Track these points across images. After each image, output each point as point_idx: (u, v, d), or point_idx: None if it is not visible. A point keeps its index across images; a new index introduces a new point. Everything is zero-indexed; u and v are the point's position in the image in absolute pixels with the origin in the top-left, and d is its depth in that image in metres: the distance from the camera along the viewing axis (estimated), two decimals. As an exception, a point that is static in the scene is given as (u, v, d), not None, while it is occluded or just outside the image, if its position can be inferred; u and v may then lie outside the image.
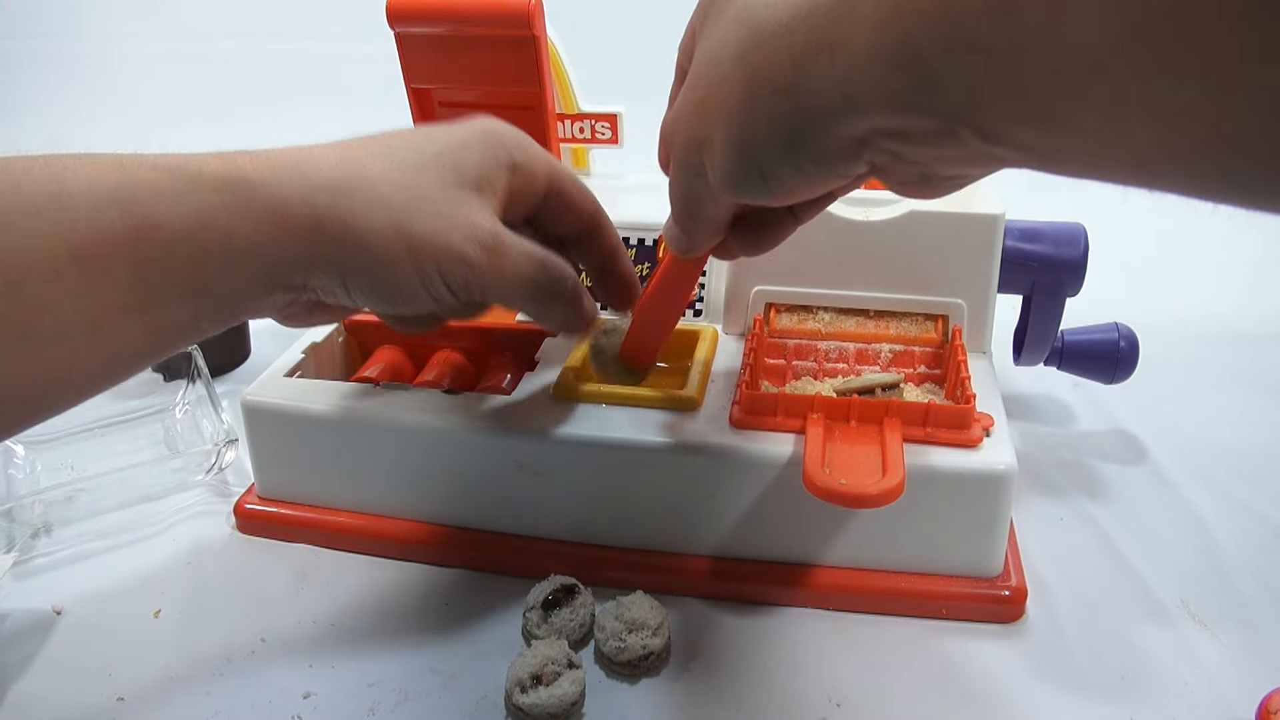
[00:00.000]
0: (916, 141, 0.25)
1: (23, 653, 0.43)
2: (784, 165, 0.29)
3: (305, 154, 0.34)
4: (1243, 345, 0.69)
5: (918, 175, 0.29)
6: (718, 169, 0.31)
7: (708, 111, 0.30)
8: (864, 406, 0.43)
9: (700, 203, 0.34)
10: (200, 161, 0.32)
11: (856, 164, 0.28)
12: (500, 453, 0.46)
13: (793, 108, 0.27)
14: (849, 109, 0.25)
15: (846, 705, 0.40)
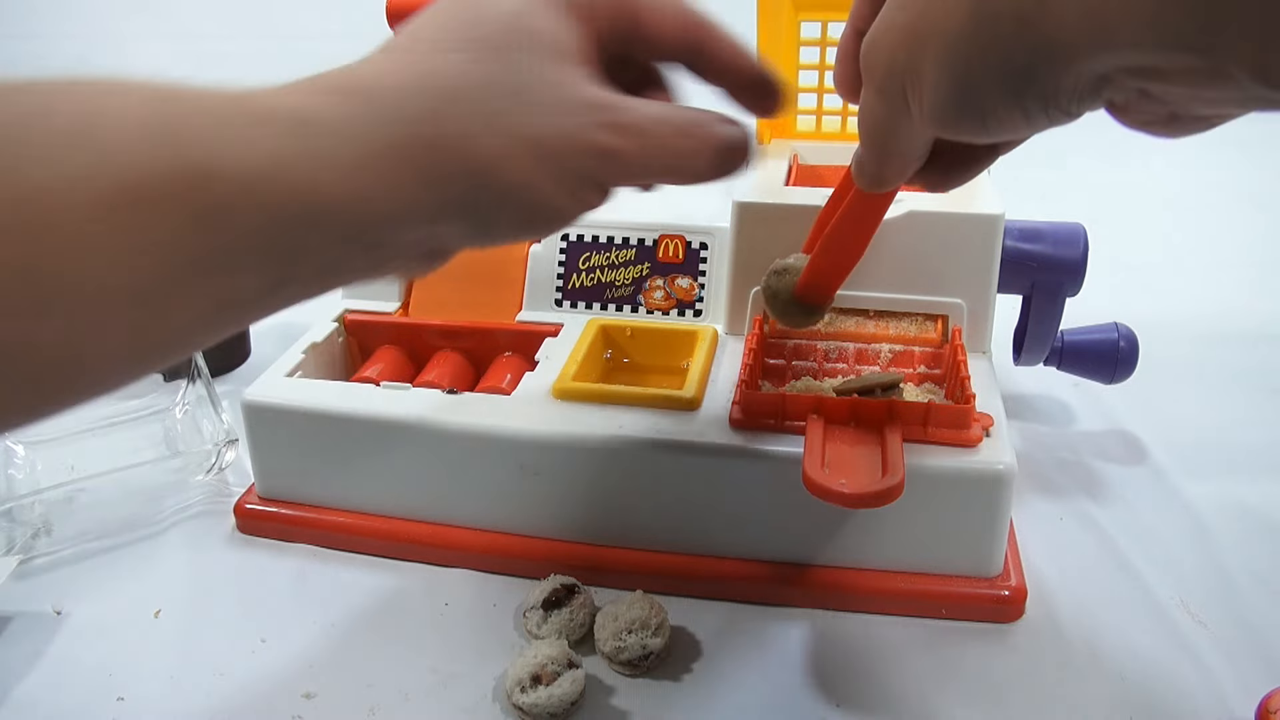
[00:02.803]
0: (1173, 80, 0.23)
1: (23, 653, 0.43)
2: (1010, 104, 0.26)
3: (377, 73, 0.28)
4: (1243, 345, 0.69)
5: (1165, 115, 0.26)
6: (928, 103, 0.27)
7: (920, 39, 0.26)
8: (864, 406, 0.43)
9: (898, 136, 0.30)
10: (268, 95, 0.26)
11: (1094, 102, 0.25)
12: (500, 453, 0.46)
13: (1029, 41, 0.24)
14: (1100, 43, 0.23)
15: (846, 705, 0.40)
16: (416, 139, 0.27)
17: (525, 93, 0.29)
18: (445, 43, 0.29)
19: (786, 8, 0.55)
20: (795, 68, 0.57)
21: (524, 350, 0.54)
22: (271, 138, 0.25)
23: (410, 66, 0.29)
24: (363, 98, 0.27)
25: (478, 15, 0.30)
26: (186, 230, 0.24)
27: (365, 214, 0.27)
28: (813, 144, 0.59)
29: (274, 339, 0.71)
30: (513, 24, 0.30)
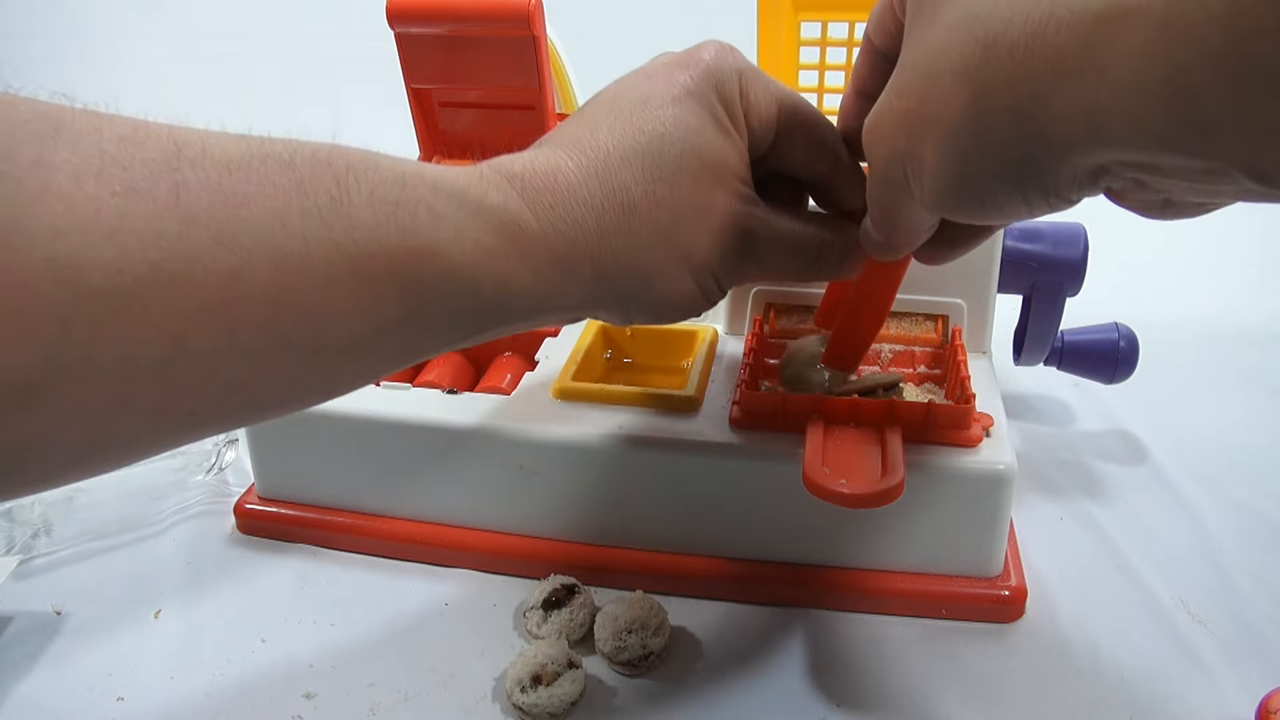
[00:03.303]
0: (1169, 174, 0.23)
1: (23, 653, 0.43)
2: (1009, 191, 0.26)
3: (565, 176, 0.31)
4: (1243, 345, 0.69)
5: (1160, 201, 0.27)
6: (928, 188, 0.28)
7: (919, 126, 0.27)
8: (864, 407, 0.43)
9: (902, 213, 0.32)
10: (479, 189, 0.30)
11: (1091, 190, 0.26)
12: (500, 453, 0.46)
13: (1026, 134, 0.24)
14: (1095, 141, 0.23)
15: (846, 705, 0.40)
16: (597, 253, 0.31)
17: (690, 214, 0.33)
18: (627, 157, 0.32)
19: (786, 8, 0.55)
20: (795, 68, 0.57)
21: (524, 350, 0.54)
22: (480, 232, 0.29)
23: (595, 178, 0.32)
24: (551, 207, 0.31)
25: (655, 130, 0.32)
26: (398, 298, 0.28)
27: (545, 303, 0.31)
28: (813, 144, 0.59)
29: (274, 339, 0.71)
30: (686, 147, 0.32)
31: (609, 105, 0.33)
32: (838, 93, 0.58)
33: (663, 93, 0.33)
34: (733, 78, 0.34)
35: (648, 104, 0.33)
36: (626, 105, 0.33)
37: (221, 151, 0.25)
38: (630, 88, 0.34)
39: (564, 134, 0.33)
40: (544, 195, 0.31)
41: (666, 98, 0.33)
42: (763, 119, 0.35)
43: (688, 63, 0.34)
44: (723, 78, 0.34)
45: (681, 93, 0.33)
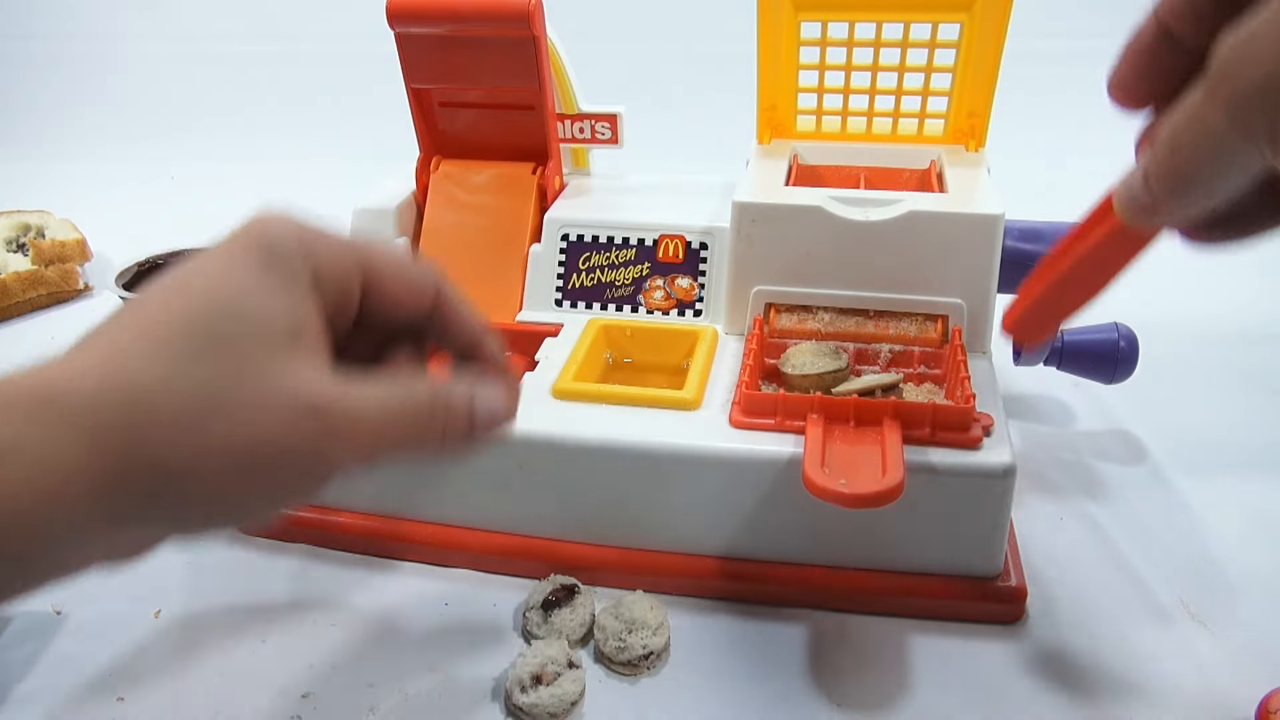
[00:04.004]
0: None
1: (23, 653, 0.43)
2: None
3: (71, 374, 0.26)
4: (1243, 345, 0.69)
5: None
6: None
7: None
8: (863, 407, 0.43)
9: (1227, 168, 0.25)
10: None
11: None
12: (500, 452, 0.46)
13: None
14: None
15: (846, 705, 0.40)
16: (92, 455, 0.25)
17: (230, 395, 0.26)
18: (152, 336, 0.26)
19: (786, 8, 0.55)
20: (795, 68, 0.57)
21: (524, 350, 0.54)
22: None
23: (108, 368, 0.26)
24: (55, 409, 0.25)
25: (183, 304, 0.27)
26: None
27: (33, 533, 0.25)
28: (813, 144, 0.59)
29: (274, 339, 0.71)
30: (229, 310, 0.27)
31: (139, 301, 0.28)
32: (838, 93, 0.58)
33: (201, 272, 0.28)
34: (290, 243, 0.29)
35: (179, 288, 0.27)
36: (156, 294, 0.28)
37: None
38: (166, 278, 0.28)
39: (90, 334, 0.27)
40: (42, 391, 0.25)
41: (203, 276, 0.28)
42: (342, 280, 0.30)
43: (233, 239, 0.29)
44: (276, 243, 0.28)
45: (225, 266, 0.28)
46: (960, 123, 0.57)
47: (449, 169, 0.59)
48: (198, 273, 0.28)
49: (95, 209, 0.94)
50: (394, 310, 0.32)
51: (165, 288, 0.28)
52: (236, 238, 0.29)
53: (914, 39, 0.55)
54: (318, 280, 0.29)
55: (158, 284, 0.28)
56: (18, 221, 0.85)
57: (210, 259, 0.28)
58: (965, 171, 0.54)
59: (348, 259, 0.30)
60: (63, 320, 0.78)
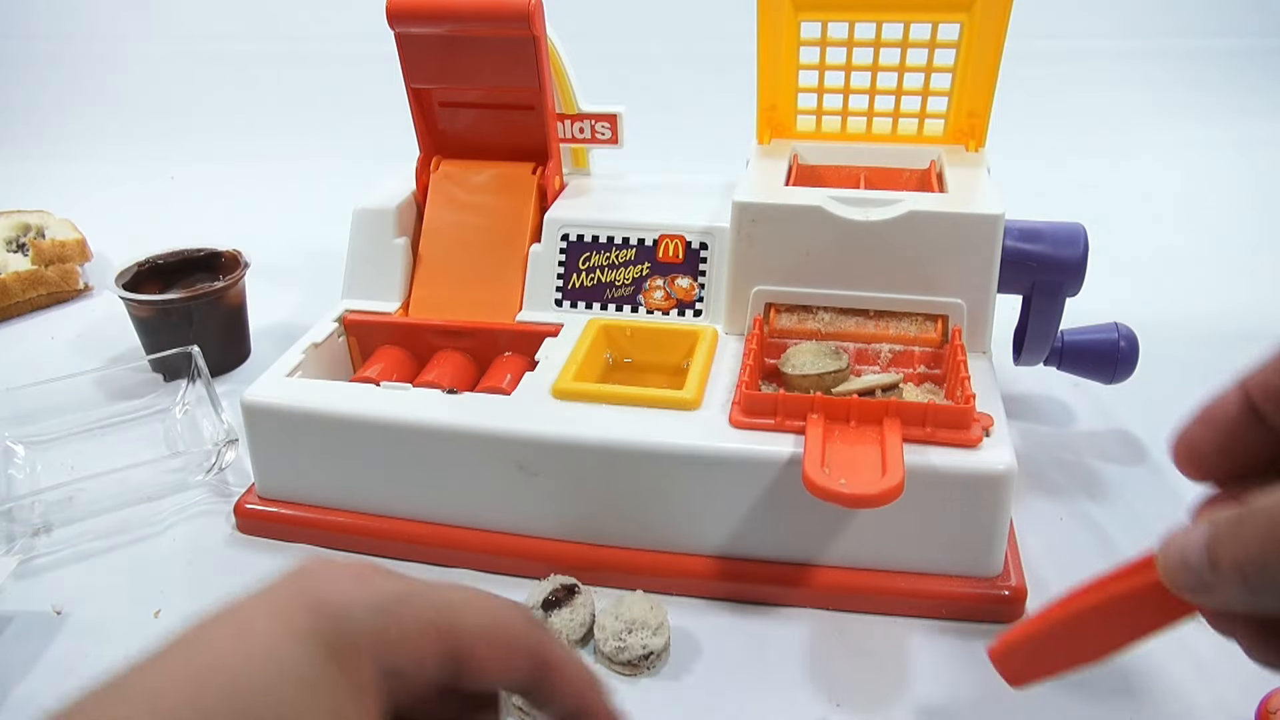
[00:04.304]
0: None
1: (23, 653, 0.43)
2: None
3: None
4: (1243, 345, 0.68)
5: None
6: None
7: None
8: (863, 407, 0.43)
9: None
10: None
11: None
12: (500, 453, 0.46)
13: None
14: None
15: (846, 705, 0.40)
16: None
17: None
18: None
19: (786, 8, 0.55)
20: (795, 68, 0.57)
21: (524, 350, 0.54)
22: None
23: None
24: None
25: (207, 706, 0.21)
26: None
27: None
28: (813, 144, 0.59)
29: (274, 339, 0.71)
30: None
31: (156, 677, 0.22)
32: (838, 93, 0.58)
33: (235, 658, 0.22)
34: (363, 621, 0.23)
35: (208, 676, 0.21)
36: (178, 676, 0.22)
37: None
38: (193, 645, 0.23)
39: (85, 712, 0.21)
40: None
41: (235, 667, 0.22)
42: (420, 663, 0.24)
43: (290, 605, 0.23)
44: (343, 625, 0.23)
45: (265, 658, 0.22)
46: (960, 123, 0.57)
47: (449, 169, 0.59)
48: (231, 655, 0.22)
49: (95, 209, 0.94)
50: (482, 682, 0.25)
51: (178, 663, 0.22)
52: (290, 602, 0.23)
53: (914, 39, 0.55)
54: (387, 674, 0.23)
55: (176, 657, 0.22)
56: (18, 221, 0.85)
57: (251, 631, 0.22)
58: (965, 171, 0.54)
59: (429, 638, 0.24)
60: (63, 320, 0.78)
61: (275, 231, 0.90)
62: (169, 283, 0.69)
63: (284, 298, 0.78)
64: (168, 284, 0.69)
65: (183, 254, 0.70)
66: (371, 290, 0.58)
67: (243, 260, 0.68)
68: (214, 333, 0.66)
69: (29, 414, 0.58)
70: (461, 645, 0.24)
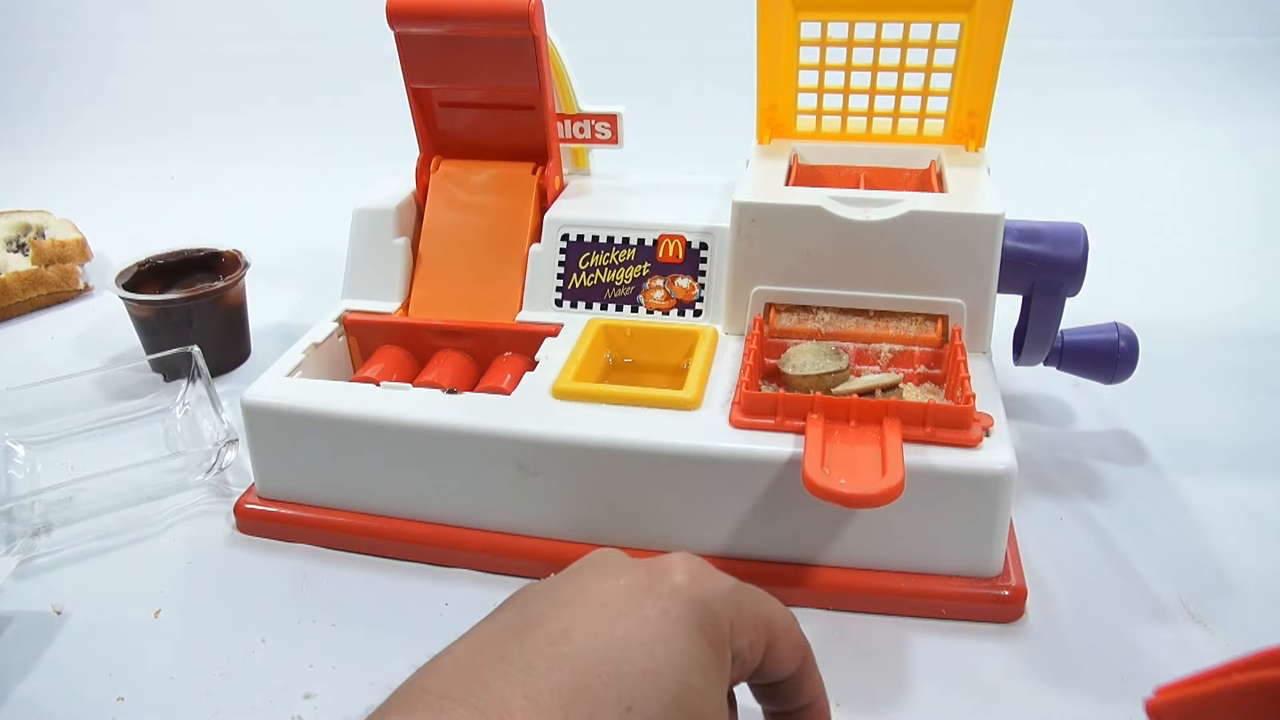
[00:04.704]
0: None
1: (23, 653, 0.43)
2: None
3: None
4: (1243, 345, 0.69)
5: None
6: None
7: None
8: (863, 406, 0.43)
9: None
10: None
11: None
12: (500, 453, 0.46)
13: None
14: None
15: (846, 705, 0.40)
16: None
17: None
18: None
19: (786, 8, 0.55)
20: (795, 68, 0.57)
21: (524, 350, 0.54)
22: None
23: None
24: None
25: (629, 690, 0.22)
26: None
27: None
28: (813, 144, 0.59)
29: (274, 339, 0.71)
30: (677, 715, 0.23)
31: (557, 660, 0.23)
32: (838, 93, 0.58)
33: (638, 640, 0.23)
34: (723, 612, 0.26)
35: (618, 661, 0.23)
36: (585, 660, 0.23)
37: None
38: (586, 635, 0.24)
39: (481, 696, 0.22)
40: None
41: (645, 649, 0.23)
42: (752, 655, 0.27)
43: (658, 589, 0.25)
44: (712, 612, 0.25)
45: (666, 638, 0.23)
46: (960, 123, 0.57)
47: (449, 169, 0.59)
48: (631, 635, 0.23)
49: (95, 209, 0.94)
50: (776, 671, 0.28)
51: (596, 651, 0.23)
52: (667, 597, 0.24)
53: (914, 39, 0.55)
54: (735, 656, 0.26)
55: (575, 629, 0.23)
56: (18, 221, 0.85)
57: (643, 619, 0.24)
58: (965, 171, 0.54)
59: (761, 632, 0.27)
60: (63, 320, 0.78)
61: (275, 231, 0.91)
62: (169, 283, 0.69)
63: (284, 298, 0.78)
64: (168, 284, 0.69)
65: (183, 254, 0.70)
66: (371, 290, 0.58)
67: (243, 260, 0.68)
68: (214, 333, 0.66)
69: (29, 414, 0.58)
70: (774, 634, 0.27)
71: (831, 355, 0.48)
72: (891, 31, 0.55)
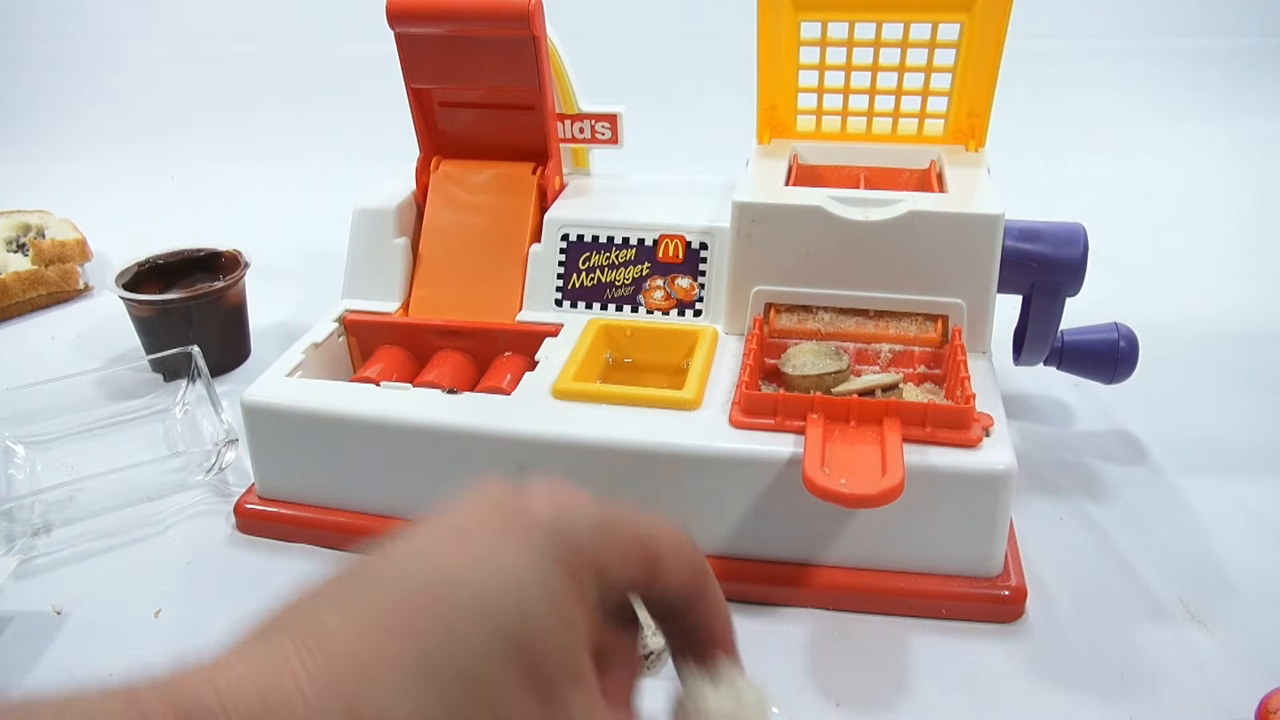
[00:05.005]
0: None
1: (23, 653, 0.43)
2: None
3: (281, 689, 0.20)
4: (1243, 345, 0.69)
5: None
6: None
7: None
8: (863, 406, 0.43)
9: None
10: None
11: None
12: (500, 453, 0.46)
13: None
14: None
15: (846, 705, 0.40)
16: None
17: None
18: (390, 655, 0.20)
19: (786, 8, 0.55)
20: (795, 68, 0.57)
21: (524, 350, 0.54)
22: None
23: (320, 694, 0.20)
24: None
25: (452, 612, 0.21)
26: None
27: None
28: (813, 144, 0.59)
29: (274, 339, 0.71)
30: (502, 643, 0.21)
31: (385, 584, 0.22)
32: (838, 93, 0.58)
33: (475, 562, 0.22)
34: (587, 537, 0.24)
35: (446, 583, 0.21)
36: (410, 582, 0.21)
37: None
38: (417, 556, 0.22)
39: (304, 622, 0.21)
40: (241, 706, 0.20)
41: (480, 572, 0.21)
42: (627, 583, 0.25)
43: (515, 517, 0.23)
44: (572, 538, 0.23)
45: (510, 563, 0.22)
46: (960, 123, 0.57)
47: (449, 169, 0.59)
48: (467, 556, 0.22)
49: (95, 209, 0.94)
50: (665, 595, 0.27)
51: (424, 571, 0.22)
52: (518, 515, 0.23)
53: (914, 39, 0.55)
54: (603, 586, 0.24)
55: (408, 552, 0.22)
56: (18, 221, 0.85)
57: (486, 541, 0.22)
58: (965, 171, 0.54)
59: (636, 554, 0.25)
60: (63, 320, 0.78)
61: (275, 231, 0.90)
62: (169, 283, 0.69)
63: (284, 298, 0.78)
64: (168, 284, 0.69)
65: (183, 254, 0.70)
66: (371, 290, 0.58)
67: (243, 260, 0.68)
68: (214, 333, 0.66)
69: (29, 414, 0.58)
70: (658, 559, 0.26)
71: (831, 355, 0.48)
72: (891, 31, 0.55)
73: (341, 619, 0.21)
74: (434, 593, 0.21)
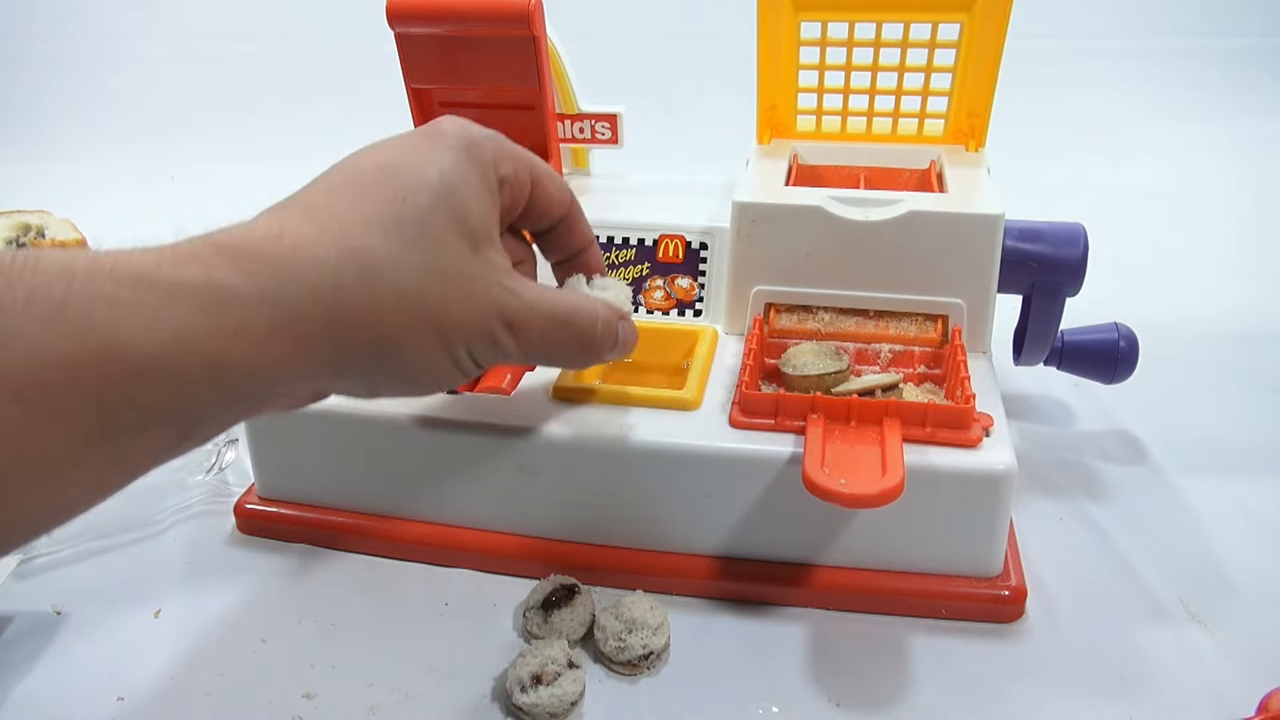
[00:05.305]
0: None
1: (23, 653, 0.43)
2: None
3: (292, 238, 0.28)
4: (1243, 345, 0.69)
5: None
6: None
7: None
8: (863, 406, 0.43)
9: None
10: (173, 267, 0.26)
11: None
12: (500, 453, 0.46)
13: None
14: None
15: (846, 705, 0.40)
16: (331, 315, 0.28)
17: (442, 279, 0.30)
18: (368, 216, 0.29)
19: (786, 8, 0.55)
20: (795, 68, 0.57)
21: (524, 350, 0.54)
22: (178, 314, 0.25)
23: (331, 240, 0.28)
24: (275, 270, 0.27)
25: (404, 187, 0.30)
26: (89, 410, 0.24)
27: (270, 376, 0.28)
28: (813, 144, 0.59)
29: (274, 339, 0.71)
30: (439, 204, 0.30)
31: (346, 175, 0.31)
32: (838, 93, 0.58)
33: (411, 159, 0.31)
34: (486, 143, 0.33)
35: (394, 170, 0.31)
36: (369, 173, 0.31)
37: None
38: (369, 159, 0.32)
39: (294, 199, 0.31)
40: (264, 259, 0.27)
41: (416, 163, 0.31)
42: (517, 184, 0.34)
43: (434, 134, 0.32)
44: (476, 142, 0.32)
45: (435, 156, 0.31)
46: (960, 123, 0.57)
47: (449, 169, 0.59)
48: (406, 157, 0.31)
49: (95, 209, 0.94)
50: (544, 216, 0.37)
51: (376, 166, 0.31)
52: (436, 133, 0.32)
53: (914, 39, 0.55)
54: (502, 183, 0.33)
55: (361, 159, 0.32)
56: (18, 221, 0.85)
57: (415, 147, 0.32)
58: (965, 171, 0.54)
59: (524, 166, 0.34)
60: (63, 320, 0.78)
61: (275, 231, 0.90)
62: (169, 283, 0.69)
63: (284, 298, 0.78)
64: (168, 284, 0.68)
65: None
66: (371, 290, 0.58)
67: (243, 260, 0.68)
68: (214, 333, 0.66)
69: (29, 414, 0.58)
70: (538, 174, 0.35)
71: (831, 355, 0.48)
72: (891, 31, 0.55)
73: (325, 197, 0.30)
74: (386, 174, 0.30)
